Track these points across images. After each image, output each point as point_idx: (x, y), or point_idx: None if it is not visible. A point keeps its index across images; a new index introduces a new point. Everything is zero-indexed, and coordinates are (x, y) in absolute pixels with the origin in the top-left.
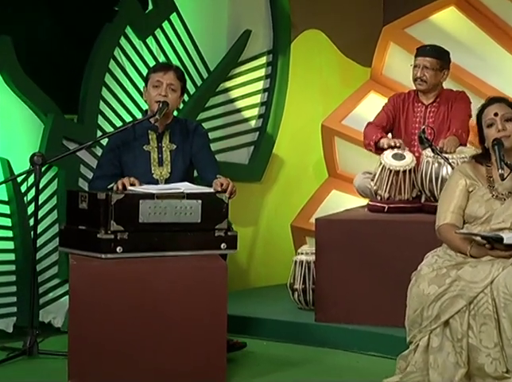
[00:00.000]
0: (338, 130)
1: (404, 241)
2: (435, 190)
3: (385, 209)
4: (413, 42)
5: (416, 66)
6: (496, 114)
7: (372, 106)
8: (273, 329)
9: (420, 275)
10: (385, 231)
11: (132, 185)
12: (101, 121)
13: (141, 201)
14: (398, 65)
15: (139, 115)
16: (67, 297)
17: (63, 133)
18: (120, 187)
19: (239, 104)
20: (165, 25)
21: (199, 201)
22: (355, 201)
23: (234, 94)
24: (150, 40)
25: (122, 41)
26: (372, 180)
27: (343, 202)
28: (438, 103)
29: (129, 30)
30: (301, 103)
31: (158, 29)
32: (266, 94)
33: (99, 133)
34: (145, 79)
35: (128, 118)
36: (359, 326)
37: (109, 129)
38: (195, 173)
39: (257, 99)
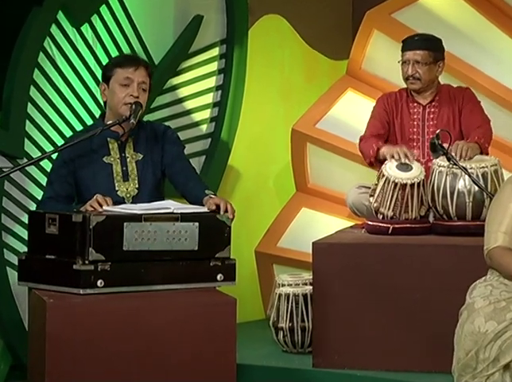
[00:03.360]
0: (311, 135)
1: (418, 268)
2: (449, 207)
3: (390, 230)
4: (402, 29)
5: (405, 62)
6: None
7: (350, 106)
8: (261, 377)
9: (473, 309)
10: (395, 257)
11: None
12: (29, 127)
13: (125, 224)
14: (383, 57)
15: (74, 120)
16: None
17: None
18: (98, 208)
19: (188, 105)
20: (103, 9)
21: (196, 224)
22: (330, 221)
23: (182, 93)
24: (85, 28)
25: (53, 29)
26: (371, 195)
27: (315, 222)
28: (438, 102)
29: (61, 16)
30: (260, 103)
31: (95, 15)
32: (219, 92)
33: (27, 141)
34: (106, 75)
35: (60, 124)
36: (368, 372)
37: (39, 137)
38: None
39: (208, 98)
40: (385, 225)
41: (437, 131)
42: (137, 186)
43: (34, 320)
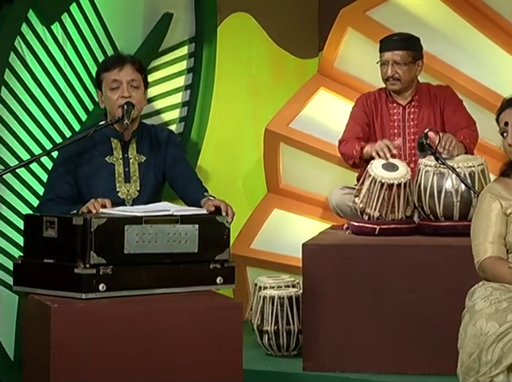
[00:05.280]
0: (285, 135)
1: (409, 269)
2: (437, 207)
3: (376, 231)
4: (377, 27)
5: (384, 63)
6: (506, 124)
7: (323, 105)
8: (251, 381)
9: (475, 311)
10: (386, 258)
11: (103, 207)
12: (0, 130)
13: (126, 227)
14: (356, 56)
15: (44, 121)
16: None
17: None
18: (93, 211)
19: (157, 105)
20: (73, 7)
21: (196, 226)
22: (303, 222)
23: (151, 92)
24: (55, 27)
25: (24, 28)
26: (356, 196)
27: (287, 223)
28: (418, 101)
29: (31, 14)
30: (229, 103)
31: (65, 13)
32: (188, 92)
33: None
34: (97, 82)
35: (32, 126)
36: (359, 375)
37: (10, 139)
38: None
39: (177, 98)
40: (371, 226)
41: (426, 131)
42: (138, 188)
43: (32, 325)
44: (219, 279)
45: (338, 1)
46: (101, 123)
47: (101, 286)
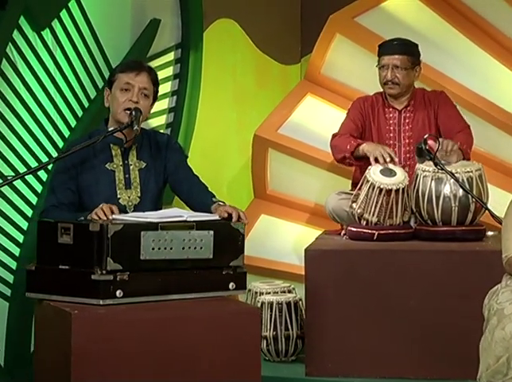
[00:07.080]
0: (274, 141)
1: (411, 274)
2: (435, 212)
3: (375, 237)
4: (366, 33)
5: (383, 66)
6: None
7: (310, 111)
8: None
9: (504, 315)
10: (388, 264)
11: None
12: None
13: (142, 233)
14: (344, 61)
15: (35, 127)
16: None
17: None
18: (103, 217)
19: None
20: (63, 14)
21: (211, 232)
22: (290, 227)
23: None
24: (46, 33)
25: (15, 35)
26: (354, 201)
27: (275, 229)
28: (413, 106)
29: (22, 21)
30: (214, 109)
31: (55, 20)
32: (175, 98)
33: None
34: (109, 81)
35: (24, 134)
36: (362, 380)
37: (4, 148)
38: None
39: (164, 104)
40: (370, 231)
41: (425, 136)
42: (139, 195)
43: (49, 332)
44: (231, 285)
45: (320, 7)
46: (110, 129)
47: (118, 293)
